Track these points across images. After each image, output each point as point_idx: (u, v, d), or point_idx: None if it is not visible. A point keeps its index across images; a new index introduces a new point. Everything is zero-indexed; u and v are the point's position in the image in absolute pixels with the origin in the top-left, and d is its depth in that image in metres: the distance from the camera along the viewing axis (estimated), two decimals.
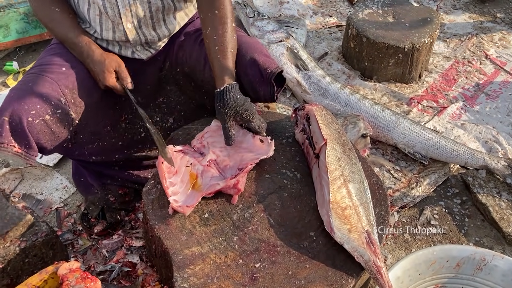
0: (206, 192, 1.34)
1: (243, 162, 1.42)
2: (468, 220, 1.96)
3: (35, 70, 1.48)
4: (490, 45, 2.98)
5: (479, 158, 2.10)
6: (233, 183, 1.34)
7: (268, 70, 1.46)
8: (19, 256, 1.44)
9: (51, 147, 1.47)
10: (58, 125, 1.44)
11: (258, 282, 1.18)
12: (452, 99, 2.55)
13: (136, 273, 1.65)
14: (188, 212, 1.30)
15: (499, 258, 1.43)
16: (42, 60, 1.53)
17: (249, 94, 1.51)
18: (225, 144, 1.43)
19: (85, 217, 1.83)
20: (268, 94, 1.50)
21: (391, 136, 2.22)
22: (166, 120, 1.76)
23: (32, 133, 1.37)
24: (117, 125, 1.66)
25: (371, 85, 2.59)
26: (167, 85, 1.72)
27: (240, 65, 1.50)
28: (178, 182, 1.36)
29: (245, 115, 1.40)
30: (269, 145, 1.44)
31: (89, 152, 1.63)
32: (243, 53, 1.51)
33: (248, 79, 1.51)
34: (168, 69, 1.70)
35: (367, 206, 1.32)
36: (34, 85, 1.41)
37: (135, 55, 1.62)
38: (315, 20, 3.17)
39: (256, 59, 1.48)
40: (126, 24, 1.51)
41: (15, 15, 2.53)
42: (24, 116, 1.35)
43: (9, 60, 2.73)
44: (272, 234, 1.30)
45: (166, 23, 1.60)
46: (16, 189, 2.03)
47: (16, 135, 1.35)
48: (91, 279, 1.25)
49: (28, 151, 1.39)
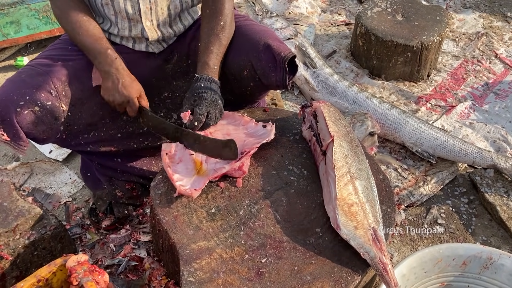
0: (213, 176, 1.38)
1: (245, 147, 1.46)
2: (475, 220, 1.95)
3: (32, 63, 1.53)
4: (500, 44, 2.96)
5: (487, 157, 2.09)
6: (238, 165, 1.38)
7: (282, 55, 1.50)
8: (28, 249, 1.45)
9: (45, 137, 1.52)
10: (48, 116, 1.48)
11: (264, 277, 1.19)
12: (461, 98, 2.54)
13: (143, 267, 1.67)
14: (196, 195, 1.33)
15: (506, 257, 1.42)
16: (42, 54, 1.57)
17: (261, 80, 1.57)
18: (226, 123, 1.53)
19: (93, 211, 1.84)
20: (280, 79, 1.53)
21: (398, 134, 2.22)
22: (171, 115, 1.77)
23: (21, 123, 1.42)
24: (118, 117, 1.67)
25: (379, 84, 2.59)
26: (173, 79, 1.73)
27: (254, 50, 1.54)
28: (183, 170, 1.40)
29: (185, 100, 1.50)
30: (270, 129, 1.50)
31: (85, 141, 1.65)
32: (257, 39, 1.55)
33: (261, 64, 1.54)
34: (176, 62, 1.71)
35: (374, 203, 1.32)
36: (25, 76, 1.46)
37: (148, 49, 1.64)
38: (323, 18, 3.17)
39: (270, 44, 1.52)
40: (145, 22, 1.54)
41: (26, 11, 2.55)
42: (12, 107, 1.40)
43: (20, 55, 2.76)
44: (279, 230, 1.31)
45: (181, 19, 1.64)
46: (25, 183, 2.05)
47: (4, 124, 1.41)
48: (99, 272, 1.27)
49: (17, 141, 1.44)
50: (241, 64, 1.58)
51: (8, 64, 2.74)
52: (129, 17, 1.52)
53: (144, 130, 1.74)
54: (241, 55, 1.58)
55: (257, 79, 1.59)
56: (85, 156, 1.84)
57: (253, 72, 1.57)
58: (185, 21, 1.65)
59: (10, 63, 2.74)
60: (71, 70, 1.51)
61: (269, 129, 1.51)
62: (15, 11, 2.52)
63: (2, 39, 2.59)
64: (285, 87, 1.56)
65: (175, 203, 1.35)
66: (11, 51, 2.75)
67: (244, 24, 1.65)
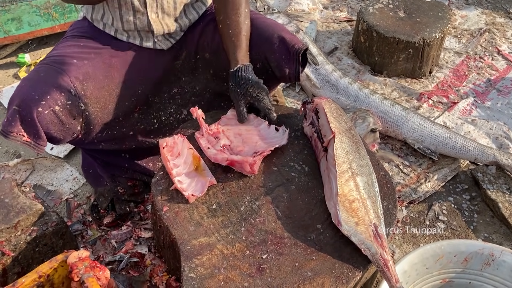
0: (223, 160, 1.38)
1: (258, 148, 1.46)
2: (477, 216, 1.95)
3: (47, 61, 1.49)
4: (503, 40, 2.95)
5: (489, 154, 2.08)
6: (251, 161, 1.38)
7: (296, 47, 1.52)
8: (29, 245, 1.46)
9: (61, 137, 1.48)
10: (68, 116, 1.45)
11: (265, 273, 1.19)
12: (463, 95, 2.53)
13: (145, 264, 1.67)
14: (192, 201, 1.34)
15: (508, 254, 1.42)
16: (55, 52, 1.54)
17: (274, 73, 1.59)
18: (238, 123, 1.52)
19: (95, 208, 1.85)
20: (293, 72, 1.56)
21: (400, 131, 2.21)
22: (180, 111, 1.77)
23: (42, 123, 1.38)
24: (130, 115, 1.67)
25: (381, 80, 2.58)
26: (182, 75, 1.72)
27: (268, 43, 1.56)
28: (182, 164, 1.40)
29: (255, 95, 1.48)
30: (284, 134, 1.50)
31: (98, 140, 1.64)
32: (270, 32, 1.57)
33: (275, 57, 1.56)
34: (185, 58, 1.71)
35: (375, 199, 1.32)
36: (45, 75, 1.42)
37: (156, 46, 1.63)
38: (325, 14, 3.16)
39: (284, 36, 1.55)
40: (151, 15, 1.54)
41: (28, 8, 2.55)
42: (34, 106, 1.36)
43: (21, 52, 2.76)
44: (279, 226, 1.30)
45: (186, 13, 1.63)
46: (27, 179, 2.05)
47: (25, 124, 1.37)
48: (100, 268, 1.27)
49: (37, 141, 1.40)
50: (254, 57, 1.59)
51: (9, 61, 2.74)
52: (134, 9, 1.51)
53: (155, 126, 1.74)
54: (254, 48, 1.58)
55: (269, 72, 1.61)
56: (91, 153, 1.82)
57: (266, 64, 1.59)
58: (190, 15, 1.64)
59: (12, 60, 2.74)
60: (87, 69, 1.49)
61: (283, 134, 1.51)
62: (16, 7, 2.52)
63: (3, 36, 2.59)
64: (298, 79, 1.59)
65: (176, 199, 1.35)
66: (12, 48, 2.75)
67: (254, 17, 1.66)
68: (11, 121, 1.35)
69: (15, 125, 1.36)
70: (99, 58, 1.53)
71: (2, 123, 1.37)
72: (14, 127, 1.35)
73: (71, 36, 1.61)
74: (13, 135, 1.36)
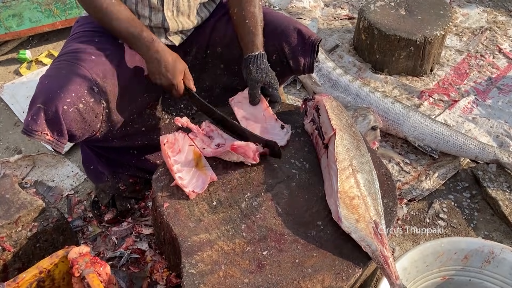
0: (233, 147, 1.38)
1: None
2: (478, 214, 1.95)
3: (66, 57, 1.46)
4: (504, 39, 2.94)
5: (490, 152, 2.08)
6: (254, 149, 1.39)
7: (312, 38, 1.61)
8: (30, 241, 1.46)
9: (81, 135, 1.45)
10: (90, 113, 1.42)
11: (265, 270, 1.19)
12: (464, 93, 2.53)
13: (145, 260, 1.67)
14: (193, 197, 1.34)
15: (507, 251, 1.42)
16: (71, 48, 1.51)
17: (290, 64, 1.66)
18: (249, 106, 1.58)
19: (96, 204, 1.85)
20: (308, 62, 1.64)
21: (401, 129, 2.21)
22: (191, 107, 1.79)
23: (66, 121, 1.35)
24: (142, 111, 1.66)
25: (382, 78, 2.58)
26: (193, 71, 1.72)
27: (285, 35, 1.62)
28: (182, 160, 1.41)
29: (272, 81, 1.56)
30: (286, 135, 1.53)
31: (113, 137, 1.63)
32: (286, 24, 1.64)
33: (292, 48, 1.63)
34: (195, 54, 1.72)
35: (375, 196, 1.32)
36: (68, 73, 1.39)
37: (168, 41, 1.63)
38: (326, 12, 3.15)
39: (300, 28, 1.62)
40: (167, 12, 1.55)
41: (29, 4, 2.55)
42: (60, 104, 1.33)
43: (22, 48, 2.75)
44: (280, 222, 1.31)
45: (198, 12, 1.65)
46: (28, 176, 2.05)
47: (50, 123, 1.33)
48: (101, 264, 1.27)
49: (59, 139, 1.37)
50: (270, 49, 1.62)
51: (10, 57, 2.74)
52: (151, 5, 1.52)
53: (166, 122, 1.75)
54: (270, 40, 1.62)
55: (284, 63, 1.66)
56: (97, 150, 1.80)
57: (282, 56, 1.65)
58: (201, 13, 1.67)
59: (13, 56, 2.74)
60: (106, 66, 1.47)
61: (284, 134, 1.53)
62: (17, 4, 2.52)
63: (4, 32, 2.58)
64: (311, 70, 1.67)
65: (177, 196, 1.35)
66: (13, 44, 2.75)
67: (266, 12, 1.68)
68: (36, 119, 1.32)
69: (40, 124, 1.32)
70: (114, 54, 1.52)
71: (25, 122, 1.33)
72: (39, 126, 1.32)
73: (82, 31, 1.59)
74: (38, 133, 1.32)
